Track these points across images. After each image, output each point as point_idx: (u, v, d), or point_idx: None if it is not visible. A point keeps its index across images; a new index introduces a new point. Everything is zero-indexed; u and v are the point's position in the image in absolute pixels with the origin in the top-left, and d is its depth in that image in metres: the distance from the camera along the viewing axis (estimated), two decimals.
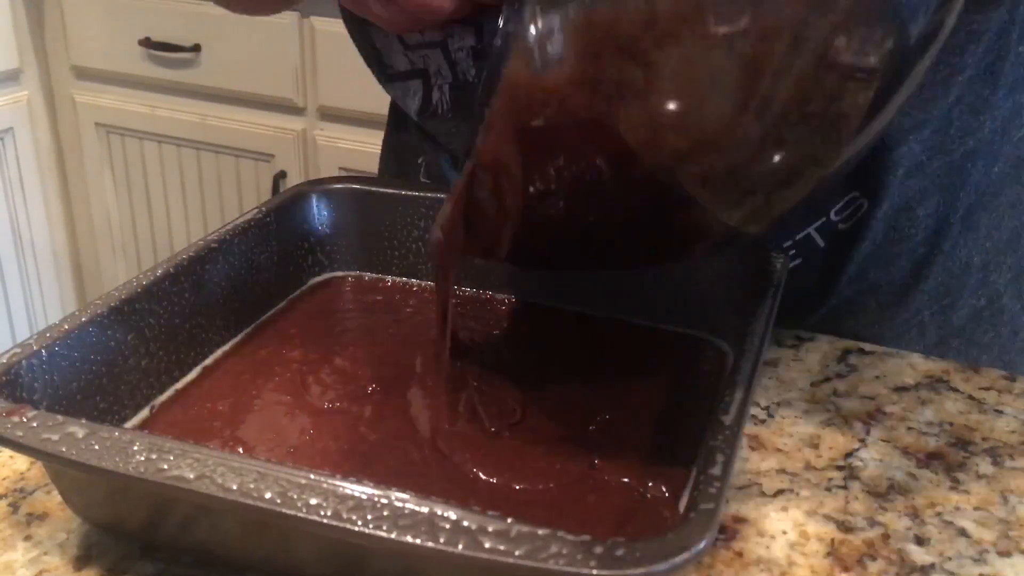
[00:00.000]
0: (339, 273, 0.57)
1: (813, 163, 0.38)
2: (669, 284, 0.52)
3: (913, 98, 0.50)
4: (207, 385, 0.47)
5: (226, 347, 0.50)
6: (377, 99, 0.66)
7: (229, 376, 0.48)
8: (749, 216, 0.40)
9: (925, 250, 0.55)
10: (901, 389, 0.50)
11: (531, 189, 0.39)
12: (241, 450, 0.42)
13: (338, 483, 0.32)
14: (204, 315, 0.49)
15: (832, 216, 0.53)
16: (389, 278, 0.57)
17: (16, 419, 0.35)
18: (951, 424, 0.47)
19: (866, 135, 0.38)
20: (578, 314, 0.54)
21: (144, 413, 0.45)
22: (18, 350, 0.40)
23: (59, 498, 0.40)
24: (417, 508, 0.31)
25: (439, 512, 0.31)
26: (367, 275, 0.57)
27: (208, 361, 0.48)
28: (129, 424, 0.44)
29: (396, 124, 0.68)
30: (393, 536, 0.30)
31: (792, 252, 0.53)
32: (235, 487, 0.32)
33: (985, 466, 0.44)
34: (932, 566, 0.38)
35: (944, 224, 0.55)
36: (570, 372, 0.49)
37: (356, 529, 0.31)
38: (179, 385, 0.47)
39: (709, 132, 0.36)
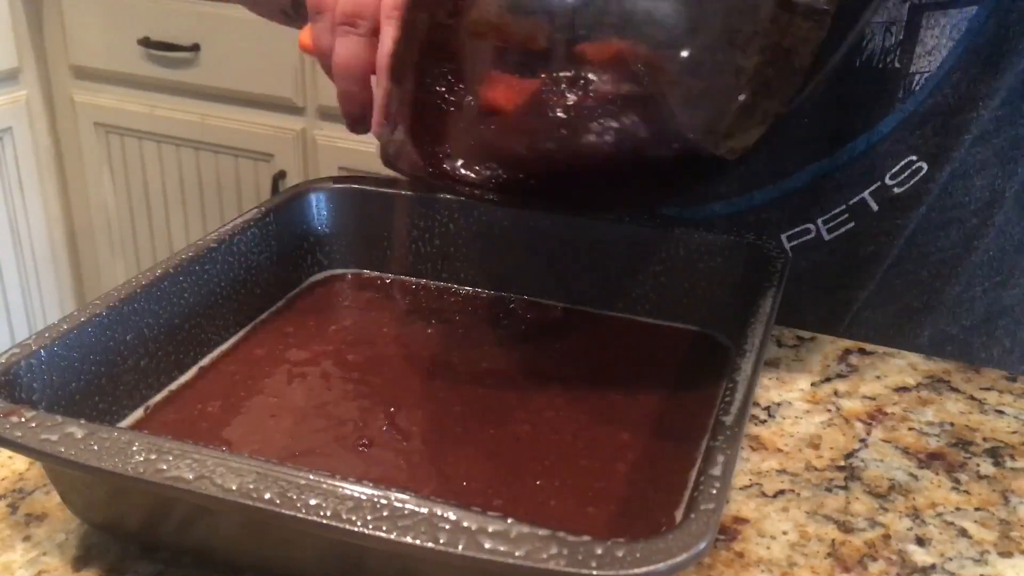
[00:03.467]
0: (338, 271, 0.57)
1: (766, 95, 0.42)
2: (671, 282, 0.52)
3: (986, 65, 0.51)
4: (201, 385, 0.47)
5: (224, 346, 0.50)
6: None
7: (224, 376, 0.48)
8: (710, 130, 0.43)
9: (977, 221, 0.55)
10: (902, 389, 0.50)
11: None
12: (226, 450, 0.42)
13: (338, 483, 0.32)
14: (203, 315, 0.49)
15: (887, 180, 0.53)
16: (388, 276, 0.57)
17: (15, 419, 0.35)
18: (952, 424, 0.47)
19: (818, 74, 0.43)
20: (580, 312, 0.54)
21: (139, 413, 0.44)
22: (17, 350, 0.40)
23: (58, 498, 0.40)
24: (417, 508, 0.31)
25: (439, 512, 0.31)
26: (365, 272, 0.57)
27: (205, 361, 0.48)
28: (122, 425, 0.43)
29: None
30: (393, 536, 0.30)
31: (845, 216, 0.54)
32: (235, 487, 0.32)
33: (986, 466, 0.44)
34: (933, 567, 0.38)
35: (999, 197, 0.55)
36: (572, 370, 0.49)
37: (356, 529, 0.31)
38: (173, 386, 0.46)
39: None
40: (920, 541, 0.40)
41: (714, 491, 0.32)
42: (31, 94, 1.76)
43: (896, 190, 0.53)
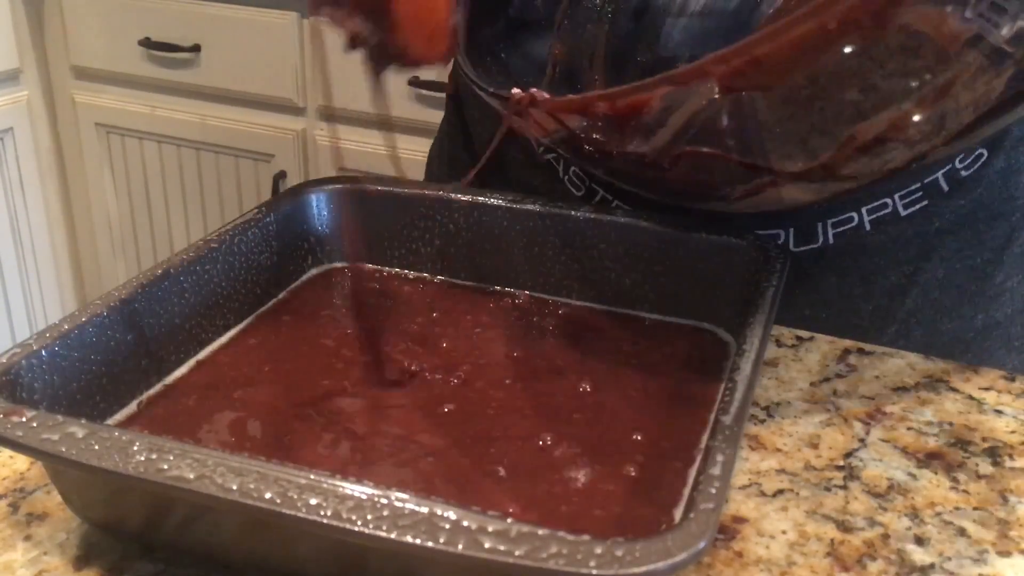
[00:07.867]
0: (337, 265, 0.57)
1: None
2: (672, 282, 0.52)
3: None
4: (194, 379, 0.47)
5: (221, 340, 0.50)
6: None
7: (216, 368, 0.47)
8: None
9: (1020, 215, 0.58)
10: (901, 389, 0.50)
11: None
12: (212, 446, 0.42)
13: (338, 483, 0.32)
14: (204, 315, 0.49)
15: (957, 163, 0.56)
16: (388, 274, 0.57)
17: (16, 419, 0.35)
18: (951, 424, 0.47)
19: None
20: (582, 309, 0.54)
21: (132, 408, 0.44)
22: (18, 350, 0.40)
23: (59, 498, 0.40)
24: (417, 508, 0.31)
25: (439, 512, 0.31)
26: (365, 268, 0.57)
27: (202, 355, 0.48)
28: (112, 420, 0.43)
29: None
30: (393, 536, 0.30)
31: (920, 194, 0.56)
32: (235, 487, 0.32)
33: (985, 466, 0.44)
34: (932, 566, 0.38)
35: None
36: (576, 368, 0.49)
37: (356, 529, 0.31)
38: (168, 379, 0.46)
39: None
40: (919, 540, 0.40)
41: (713, 490, 0.32)
42: (32, 95, 1.76)
43: (963, 173, 0.56)
